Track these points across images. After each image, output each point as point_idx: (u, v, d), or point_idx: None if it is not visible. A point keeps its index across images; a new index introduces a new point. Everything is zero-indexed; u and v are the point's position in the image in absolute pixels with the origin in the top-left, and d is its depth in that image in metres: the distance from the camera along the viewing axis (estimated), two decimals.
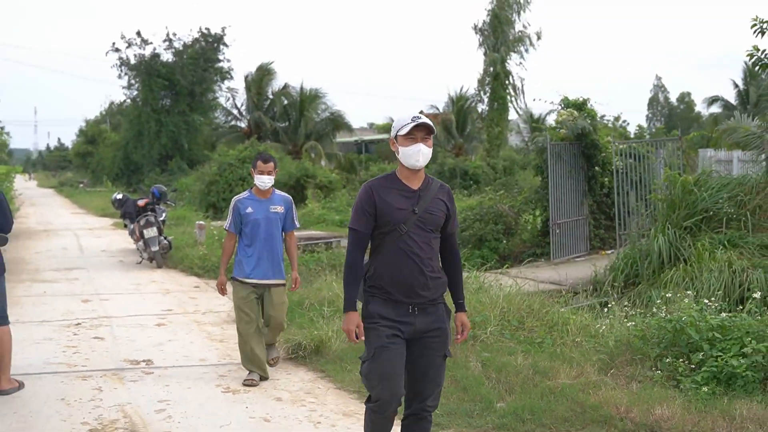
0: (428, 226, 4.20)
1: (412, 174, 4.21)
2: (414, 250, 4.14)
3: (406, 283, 4.13)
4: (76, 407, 5.98)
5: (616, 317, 7.74)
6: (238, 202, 6.79)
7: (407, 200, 4.19)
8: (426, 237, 4.19)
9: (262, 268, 6.64)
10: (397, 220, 4.15)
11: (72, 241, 19.12)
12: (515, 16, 33.65)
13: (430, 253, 4.20)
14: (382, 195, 4.19)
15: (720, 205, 11.53)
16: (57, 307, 10.32)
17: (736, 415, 5.40)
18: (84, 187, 48.00)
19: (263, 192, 6.76)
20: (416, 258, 4.14)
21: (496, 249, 14.21)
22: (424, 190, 4.23)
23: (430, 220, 4.20)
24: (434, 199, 4.24)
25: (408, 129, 4.09)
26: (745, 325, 6.31)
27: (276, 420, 5.69)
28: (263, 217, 6.68)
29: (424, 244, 4.17)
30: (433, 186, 4.28)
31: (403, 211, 4.16)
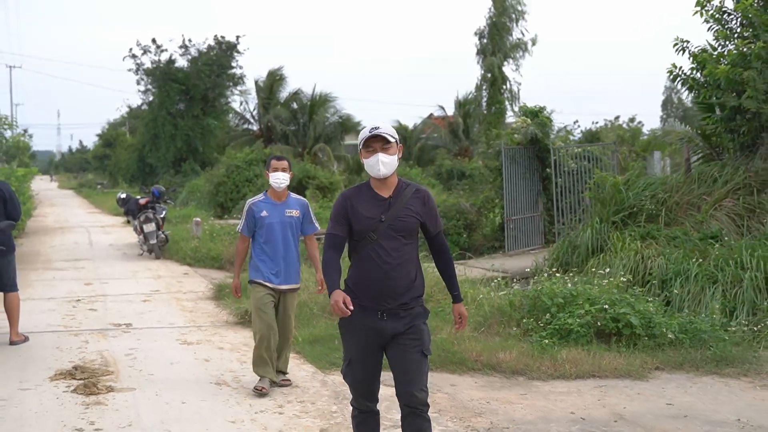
0: (399, 233, 4.29)
1: (381, 182, 4.34)
2: (382, 257, 4.26)
3: (373, 289, 4.27)
4: (66, 352, 7.97)
5: (498, 291, 9.59)
6: (253, 205, 6.71)
7: (377, 208, 4.31)
8: (396, 244, 4.29)
9: (279, 272, 6.59)
10: (366, 228, 4.28)
11: (84, 237, 21.26)
12: (512, 24, 35.35)
13: (400, 259, 4.28)
14: (354, 204, 4.34)
15: (643, 202, 13.28)
16: (62, 288, 12.35)
17: (558, 357, 7.28)
18: (102, 188, 50.34)
19: (278, 194, 6.70)
20: (384, 265, 4.25)
21: (457, 242, 16.07)
22: (395, 198, 4.34)
23: (401, 226, 4.29)
24: (406, 206, 4.33)
25: (365, 141, 4.27)
26: (587, 293, 8.17)
27: (214, 360, 7.67)
28: (278, 221, 6.61)
29: (393, 251, 4.27)
30: (407, 192, 4.38)
31: (372, 219, 4.29)
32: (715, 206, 12.37)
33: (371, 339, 4.30)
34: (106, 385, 6.75)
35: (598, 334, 7.83)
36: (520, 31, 35.54)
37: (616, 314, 7.77)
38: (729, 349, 7.62)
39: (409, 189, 4.39)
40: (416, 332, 4.30)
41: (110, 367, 7.38)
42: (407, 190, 4.38)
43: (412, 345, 4.27)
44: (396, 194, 4.35)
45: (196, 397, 6.46)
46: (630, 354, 7.45)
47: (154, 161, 41.12)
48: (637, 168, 14.72)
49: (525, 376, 7.08)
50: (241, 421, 5.85)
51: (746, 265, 9.84)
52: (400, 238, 4.29)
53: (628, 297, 8.13)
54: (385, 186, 4.35)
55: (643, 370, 7.16)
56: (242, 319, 9.35)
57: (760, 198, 12.09)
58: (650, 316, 7.87)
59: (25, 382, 6.89)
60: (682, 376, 7.09)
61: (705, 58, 13.00)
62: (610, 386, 6.77)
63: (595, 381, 6.92)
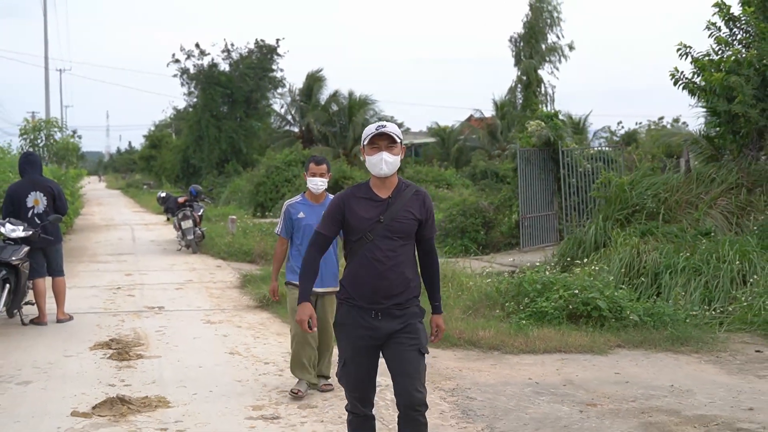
0: (395, 234, 4.30)
1: (380, 182, 4.35)
2: (378, 257, 4.27)
3: (367, 289, 4.29)
4: (104, 329, 9.26)
5: (486, 278, 10.66)
6: (290, 206, 6.70)
7: (375, 209, 4.32)
8: (392, 245, 4.30)
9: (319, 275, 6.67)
10: (363, 228, 4.30)
11: (127, 234, 22.76)
12: (548, 29, 36.18)
13: (396, 260, 4.30)
14: (351, 205, 4.36)
15: (645, 201, 14.21)
16: (105, 278, 13.70)
17: (530, 335, 8.35)
18: (148, 188, 52.24)
19: (316, 196, 6.65)
20: (379, 265, 4.26)
21: (475, 239, 17.11)
22: (394, 198, 4.34)
23: (398, 228, 4.30)
24: (404, 207, 4.34)
25: (370, 138, 4.32)
26: (563, 281, 9.22)
27: (231, 336, 8.89)
28: (315, 223, 6.09)
29: (389, 252, 4.29)
30: (406, 193, 4.38)
31: (369, 220, 4.30)
32: (710, 205, 13.28)
33: (366, 339, 4.32)
34: (136, 353, 8.00)
35: (569, 317, 8.87)
36: (555, 35, 36.32)
37: (586, 298, 8.81)
38: (689, 330, 8.61)
39: (409, 190, 4.40)
40: (412, 331, 4.32)
41: (141, 340, 8.63)
42: (406, 191, 4.38)
43: (409, 344, 4.29)
44: (395, 195, 4.35)
45: (211, 362, 7.68)
46: (596, 333, 8.49)
47: (198, 162, 42.69)
48: (642, 169, 15.59)
49: (500, 351, 8.16)
50: (246, 380, 7.04)
51: (726, 259, 10.78)
52: (396, 239, 4.31)
53: (598, 284, 9.16)
54: (384, 186, 4.36)
55: (605, 347, 8.20)
56: (261, 303, 10.60)
57: (751, 197, 12.99)
58: (618, 300, 8.89)
59: (68, 351, 8.17)
60: (638, 353, 8.10)
61: (704, 63, 13.90)
62: (571, 359, 7.82)
63: (560, 355, 7.97)
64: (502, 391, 6.76)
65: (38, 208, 9.70)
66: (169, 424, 5.83)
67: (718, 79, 13.11)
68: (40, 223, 9.56)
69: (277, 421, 5.91)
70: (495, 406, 6.32)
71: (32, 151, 15.89)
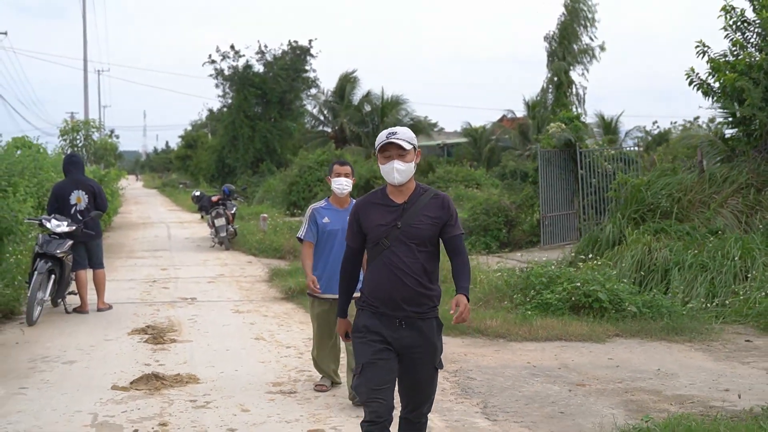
0: (412, 240, 4.27)
1: (396, 189, 4.34)
2: (396, 263, 4.24)
3: (389, 296, 4.24)
4: (141, 317, 10.08)
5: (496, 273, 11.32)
6: (315, 211, 6.66)
7: (390, 215, 4.31)
8: (410, 250, 4.27)
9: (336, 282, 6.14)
10: (379, 235, 4.30)
11: (163, 231, 23.73)
12: (582, 30, 36.59)
13: (416, 266, 4.26)
14: (366, 211, 4.38)
15: (660, 200, 14.76)
16: (142, 272, 14.57)
17: (534, 324, 9.01)
18: (184, 187, 53.43)
19: (341, 201, 6.62)
20: (398, 272, 4.23)
21: (497, 237, 17.76)
22: (410, 204, 4.32)
23: (414, 233, 4.27)
24: (421, 212, 4.31)
25: (381, 146, 4.30)
26: (567, 274, 9.86)
27: (257, 324, 9.66)
28: (340, 228, 6.40)
29: (407, 258, 4.25)
30: (423, 198, 4.35)
31: (385, 226, 4.29)
32: (721, 204, 13.82)
33: (389, 344, 4.28)
34: (170, 338, 8.80)
35: (572, 308, 9.52)
36: (588, 37, 36.72)
37: (588, 290, 9.46)
38: (684, 321, 9.23)
39: (427, 195, 4.37)
40: (431, 347, 4.33)
41: (175, 327, 9.44)
42: (424, 196, 4.36)
43: (426, 360, 4.32)
44: (411, 200, 4.34)
45: (238, 346, 8.45)
46: (595, 323, 9.14)
47: (232, 162, 43.69)
48: (658, 169, 16.12)
49: (505, 339, 8.84)
50: (269, 362, 7.80)
51: (730, 256, 11.34)
52: (413, 246, 4.27)
53: (599, 277, 9.79)
54: (400, 192, 4.35)
55: (603, 335, 8.84)
56: (287, 295, 11.37)
57: (760, 196, 13.49)
58: (618, 293, 9.52)
59: (108, 336, 8.99)
60: (634, 341, 8.74)
61: (719, 65, 14.41)
62: (570, 346, 8.48)
63: (560, 343, 8.63)
64: (501, 373, 7.44)
65: (80, 205, 10.55)
66: (198, 396, 6.60)
67: (730, 80, 13.63)
68: (82, 220, 10.41)
69: (294, 395, 6.65)
70: (492, 385, 7.01)
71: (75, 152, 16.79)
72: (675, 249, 12.27)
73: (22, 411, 6.18)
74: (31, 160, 16.13)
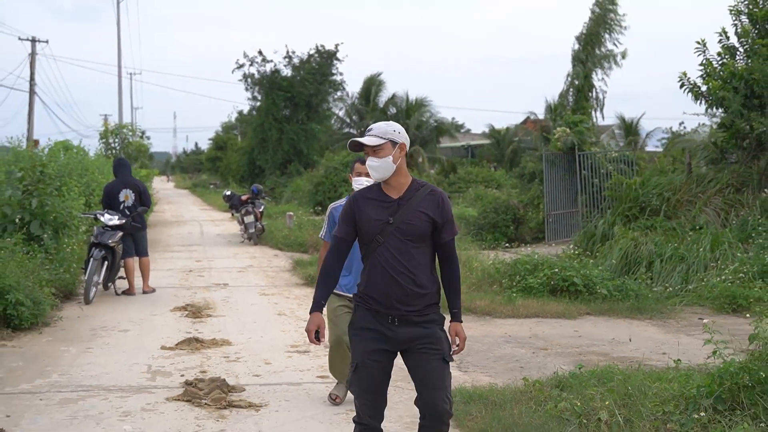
0: (406, 237, 4.17)
1: (389, 184, 4.26)
2: (390, 261, 4.16)
3: (382, 294, 4.16)
4: (181, 298, 11.83)
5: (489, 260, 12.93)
6: (334, 209, 6.56)
7: (385, 210, 4.22)
8: (404, 248, 4.18)
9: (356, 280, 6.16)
10: (372, 230, 4.20)
11: (196, 228, 25.59)
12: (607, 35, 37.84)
13: (410, 264, 4.17)
14: (361, 206, 4.27)
15: (651, 199, 16.26)
16: (179, 263, 16.35)
17: (517, 304, 10.62)
18: (215, 188, 55.45)
19: None
20: (392, 270, 4.15)
21: (505, 233, 19.35)
22: (405, 200, 4.22)
23: (409, 230, 4.17)
24: (416, 208, 4.20)
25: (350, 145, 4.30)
26: (548, 262, 11.46)
27: (281, 303, 11.38)
28: None
29: (401, 256, 4.16)
30: (419, 194, 4.24)
31: (379, 221, 4.19)
32: (705, 203, 15.31)
33: (380, 344, 4.20)
34: (206, 313, 10.53)
35: (551, 291, 11.13)
36: (612, 43, 37.94)
37: (565, 276, 11.05)
38: (649, 303, 10.79)
39: (423, 190, 4.26)
40: (433, 338, 4.21)
41: (210, 305, 11.17)
42: (420, 192, 4.25)
43: (432, 352, 4.18)
44: (406, 196, 4.24)
45: (263, 320, 10.17)
46: (570, 303, 10.73)
47: (262, 163, 45.53)
48: (650, 170, 17.63)
49: (491, 316, 10.46)
50: (288, 331, 9.48)
51: (703, 249, 12.87)
52: (407, 242, 4.18)
53: (576, 264, 11.38)
54: (393, 187, 4.26)
55: (576, 313, 10.44)
56: (307, 281, 13.08)
57: (739, 195, 14.97)
58: (591, 278, 11.10)
59: (154, 312, 10.74)
60: (602, 319, 10.32)
61: (711, 70, 15.80)
62: (545, 322, 10.09)
63: (537, 319, 10.24)
64: (480, 341, 9.07)
65: (128, 202, 12.30)
66: (230, 354, 8.30)
67: (715, 87, 15.10)
68: (129, 214, 12.16)
69: (307, 353, 8.33)
70: (470, 348, 8.62)
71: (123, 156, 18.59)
72: (658, 243, 13.78)
73: (91, 363, 7.91)
74: (77, 162, 17.99)
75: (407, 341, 4.20)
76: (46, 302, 9.83)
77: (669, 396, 5.75)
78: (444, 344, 4.25)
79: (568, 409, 5.73)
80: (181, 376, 7.40)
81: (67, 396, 6.76)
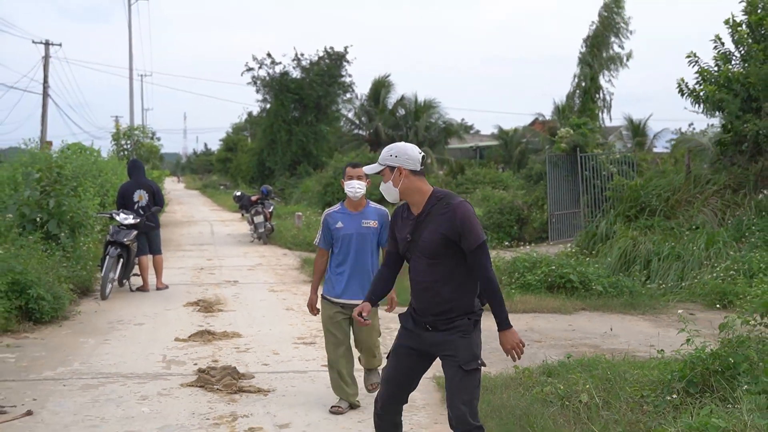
0: (423, 254, 4.33)
1: (410, 203, 4.47)
2: (414, 277, 4.41)
3: (417, 303, 4.45)
4: (193, 294, 12.36)
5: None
6: (328, 216, 6.54)
7: (407, 228, 4.45)
8: (424, 262, 4.35)
9: (352, 287, 6.39)
10: (402, 247, 4.50)
11: (207, 228, 26.15)
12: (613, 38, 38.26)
13: (432, 278, 4.32)
14: (395, 222, 4.59)
15: (651, 200, 16.70)
16: (190, 262, 16.88)
17: (515, 300, 11.10)
18: (225, 189, 56.08)
19: (355, 204, 6.46)
20: (416, 284, 4.41)
21: (509, 233, 19.83)
22: (423, 216, 4.37)
23: (424, 247, 4.32)
24: (431, 227, 4.32)
25: None
26: (546, 259, 11.94)
27: (289, 299, 11.89)
28: (355, 233, 6.40)
29: (422, 270, 4.35)
30: (435, 210, 4.34)
31: (404, 239, 4.45)
32: (703, 203, 15.75)
33: (411, 342, 4.48)
34: (218, 308, 11.05)
35: (549, 287, 11.60)
36: (618, 45, 38.36)
37: (562, 273, 11.52)
38: (643, 299, 11.25)
39: (439, 206, 4.34)
40: (451, 346, 4.34)
41: (221, 301, 11.69)
42: (437, 206, 4.34)
43: (449, 359, 4.35)
44: (423, 212, 4.38)
45: (272, 314, 10.68)
46: (566, 299, 11.20)
47: (271, 164, 46.09)
48: (652, 171, 18.07)
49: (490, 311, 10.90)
50: (296, 324, 9.99)
51: (698, 247, 13.32)
52: (424, 259, 4.33)
53: (572, 262, 11.85)
54: (414, 205, 4.44)
55: (571, 309, 10.90)
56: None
57: (735, 196, 15.40)
58: (587, 275, 11.57)
59: (168, 307, 11.26)
60: (596, 314, 10.79)
61: (707, 77, 16.28)
62: (541, 317, 10.56)
63: (534, 314, 10.71)
64: None
65: (142, 202, 12.82)
66: (240, 345, 8.81)
67: (711, 91, 15.55)
68: (143, 214, 12.69)
69: (314, 344, 8.84)
70: None
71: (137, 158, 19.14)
72: (656, 242, 14.23)
73: (109, 353, 8.43)
74: (91, 164, 18.55)
75: (432, 345, 4.42)
76: (65, 297, 10.37)
77: (647, 381, 6.23)
78: (461, 353, 4.33)
79: (552, 392, 6.22)
80: (194, 364, 7.91)
81: (88, 382, 7.28)
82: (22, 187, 13.02)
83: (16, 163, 14.89)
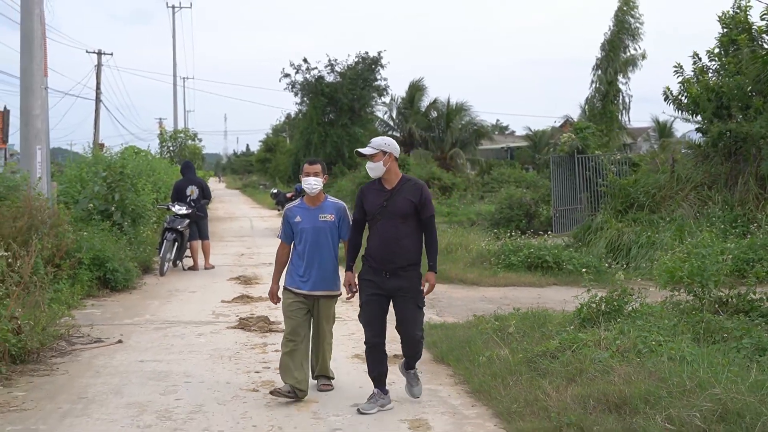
0: (396, 215, 6.17)
1: (384, 180, 6.32)
2: (383, 232, 6.19)
3: (378, 255, 6.21)
4: (235, 272, 15.15)
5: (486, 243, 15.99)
6: (288, 210, 7.03)
7: (381, 197, 6.25)
8: (394, 222, 6.18)
9: (310, 279, 6.82)
10: (373, 211, 6.25)
11: (247, 224, 29.06)
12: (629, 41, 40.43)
13: (397, 234, 6.16)
14: (366, 194, 6.39)
15: (639, 196, 19.09)
16: (232, 250, 19.72)
17: (499, 276, 13.69)
18: (264, 188, 59.08)
19: (313, 199, 6.85)
20: (385, 238, 6.18)
21: (518, 226, 22.34)
22: (396, 190, 6.25)
23: (396, 210, 6.17)
24: (404, 196, 6.21)
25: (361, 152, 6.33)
26: (529, 244, 14.51)
27: None
28: (311, 227, 6.80)
29: (391, 228, 6.16)
30: (407, 185, 6.27)
31: (378, 205, 6.23)
32: (683, 198, 18.15)
33: (376, 289, 6.23)
34: (255, 282, 13.82)
35: (528, 266, 14.15)
36: (634, 48, 40.52)
37: (539, 254, 14.08)
38: (607, 276, 13.75)
39: (409, 183, 6.29)
40: (412, 290, 6.23)
41: (258, 277, 14.46)
42: (407, 184, 6.27)
43: (408, 298, 6.23)
44: (397, 187, 6.24)
45: None
46: (542, 276, 13.75)
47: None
48: (642, 170, 20.50)
49: (477, 285, 13.52)
50: None
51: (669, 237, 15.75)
52: (397, 219, 6.16)
53: (549, 246, 14.40)
54: (387, 182, 6.29)
55: (545, 283, 13.46)
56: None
57: (710, 192, 17.79)
58: (561, 256, 14.11)
59: (214, 281, 14.04)
60: (564, 288, 13.31)
61: (689, 86, 18.68)
62: (517, 289, 13.14)
63: (513, 287, 13.28)
64: (460, 299, 12.17)
65: (193, 196, 15.63)
66: (272, 305, 11.52)
67: (693, 93, 17.95)
68: (194, 206, 15.48)
69: None
70: (450, 304, 11.73)
71: (189, 160, 21.88)
72: (637, 232, 16.68)
73: (171, 309, 11.22)
74: (146, 164, 21.47)
75: (394, 290, 6.21)
76: (133, 272, 13.20)
77: (560, 320, 8.81)
78: (419, 295, 6.28)
79: (491, 328, 8.82)
80: (236, 316, 10.66)
81: (158, 326, 10.07)
82: (88, 184, 15.79)
83: (82, 164, 17.71)
